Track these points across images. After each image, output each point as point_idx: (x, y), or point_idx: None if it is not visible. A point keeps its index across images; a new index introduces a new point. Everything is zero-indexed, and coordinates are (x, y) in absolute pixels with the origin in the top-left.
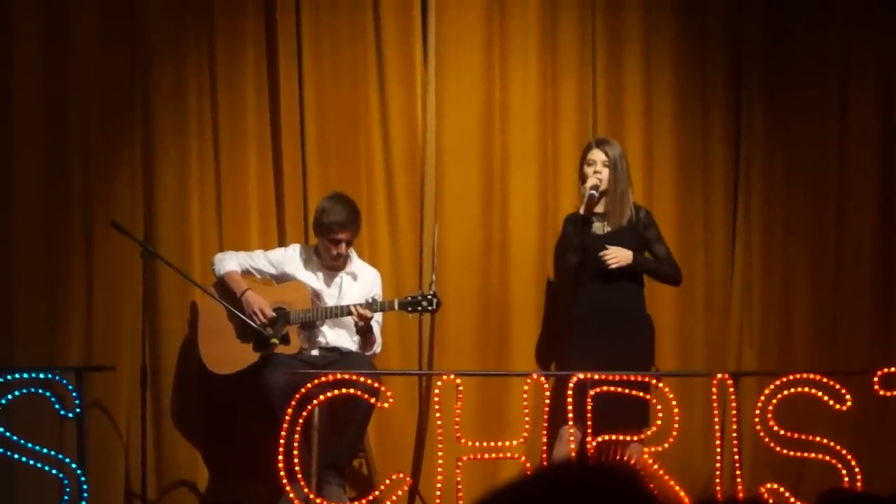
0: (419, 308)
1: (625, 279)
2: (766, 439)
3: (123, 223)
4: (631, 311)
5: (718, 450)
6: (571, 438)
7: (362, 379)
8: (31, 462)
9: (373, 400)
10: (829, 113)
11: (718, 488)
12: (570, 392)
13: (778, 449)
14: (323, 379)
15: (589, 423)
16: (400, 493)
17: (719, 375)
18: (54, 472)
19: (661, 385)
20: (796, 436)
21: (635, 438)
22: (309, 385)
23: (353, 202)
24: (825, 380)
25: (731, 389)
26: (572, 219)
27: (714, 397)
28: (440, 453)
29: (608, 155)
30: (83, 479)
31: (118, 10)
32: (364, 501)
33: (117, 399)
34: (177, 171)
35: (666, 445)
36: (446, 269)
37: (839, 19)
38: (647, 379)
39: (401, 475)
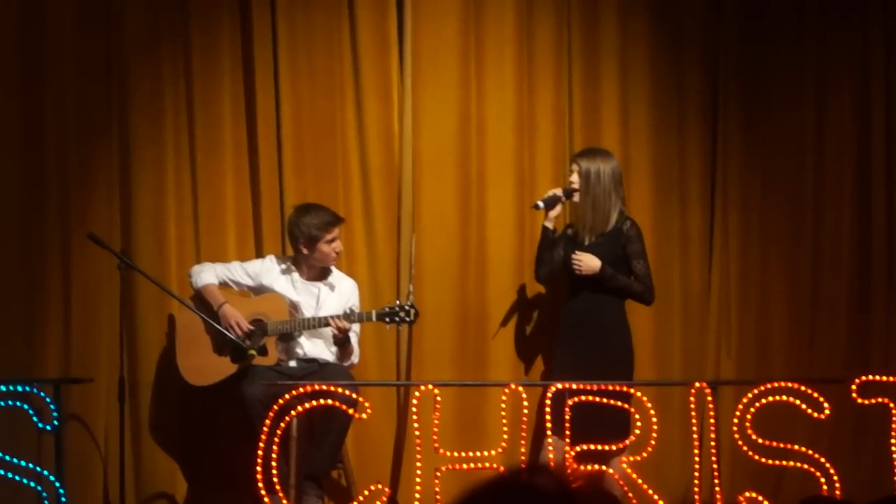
0: (397, 319)
1: (602, 292)
2: (745, 448)
3: (100, 235)
4: (610, 325)
5: (697, 459)
6: (550, 448)
7: (340, 390)
8: (10, 475)
9: (351, 411)
10: (805, 122)
11: (697, 497)
12: (547, 402)
13: (756, 457)
14: (301, 390)
15: (567, 432)
16: (378, 503)
17: (697, 384)
18: (32, 484)
19: (638, 394)
20: (774, 444)
21: (615, 448)
22: (287, 396)
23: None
24: (803, 388)
25: (710, 398)
26: (548, 232)
27: (692, 406)
28: (418, 464)
29: (580, 165)
30: (62, 491)
31: (93, 24)
32: None
33: (95, 411)
34: (154, 183)
35: (644, 455)
36: (424, 279)
37: (814, 29)
38: (625, 389)
39: (379, 486)
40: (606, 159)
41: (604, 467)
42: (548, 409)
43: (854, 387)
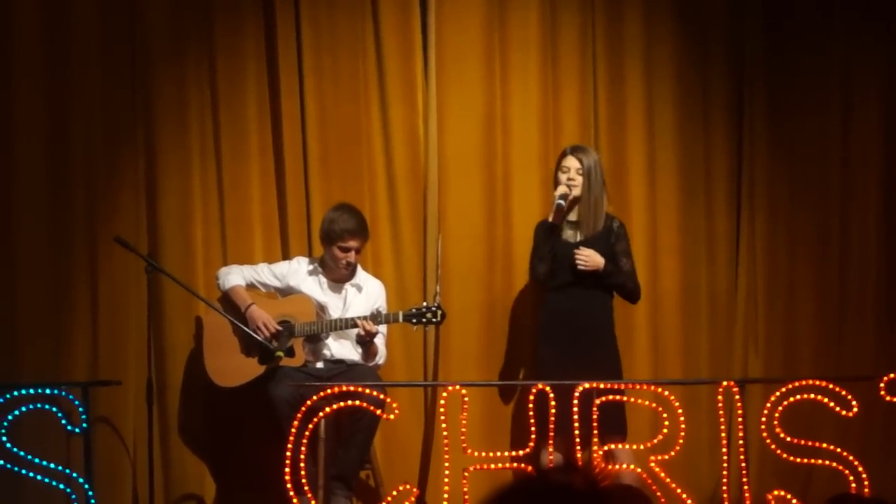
0: (424, 320)
1: (595, 289)
2: (773, 446)
3: (127, 239)
4: (596, 323)
5: (725, 457)
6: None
7: (368, 391)
8: (39, 477)
9: (378, 411)
10: (831, 122)
11: (725, 496)
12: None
13: (784, 456)
14: (329, 391)
15: (595, 432)
16: (407, 503)
17: (725, 383)
18: (62, 487)
19: (666, 393)
20: (803, 442)
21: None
22: (315, 397)
23: (360, 211)
24: (831, 386)
25: (737, 397)
26: (543, 225)
27: (720, 405)
28: (447, 464)
29: (582, 163)
30: (91, 493)
31: (119, 27)
32: None
33: (124, 414)
34: (180, 187)
35: (672, 454)
36: (450, 280)
37: (840, 29)
38: (650, 388)
39: (407, 486)
40: (595, 154)
41: (623, 465)
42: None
43: (882, 384)
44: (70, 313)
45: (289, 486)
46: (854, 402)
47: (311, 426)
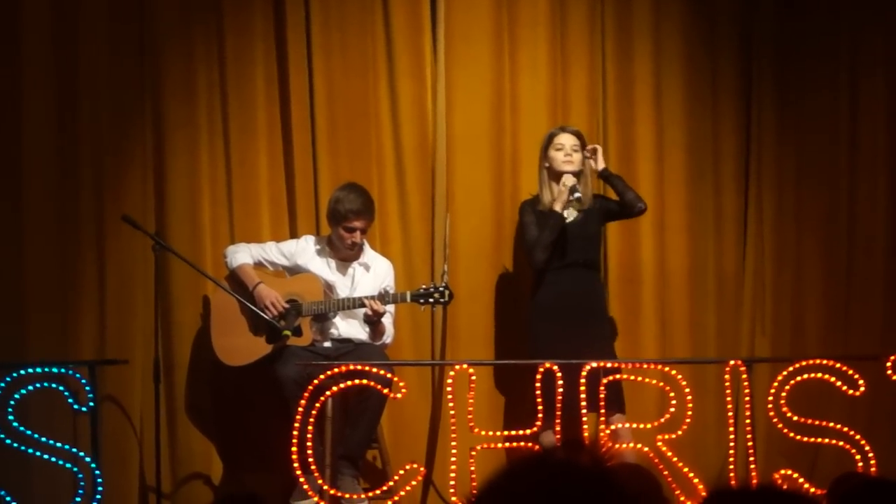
0: (431, 300)
1: (590, 269)
2: (780, 426)
3: (135, 217)
4: (595, 302)
5: (732, 437)
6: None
7: (375, 370)
8: (46, 456)
9: (386, 391)
10: (839, 102)
11: (732, 475)
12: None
13: (791, 435)
14: (336, 370)
15: (602, 410)
16: (414, 483)
17: (732, 362)
18: (69, 466)
19: (673, 372)
20: (810, 422)
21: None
22: (322, 376)
23: (367, 191)
24: (838, 365)
25: (745, 376)
26: (534, 210)
27: (727, 384)
28: (454, 443)
29: (578, 136)
30: (98, 472)
31: (127, 6)
32: (378, 492)
33: (131, 393)
34: (187, 164)
35: (679, 433)
36: (458, 258)
37: (849, 8)
38: (658, 367)
39: (415, 465)
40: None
41: (624, 444)
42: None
43: (889, 364)
44: (77, 292)
45: (296, 465)
46: (861, 382)
47: (318, 405)
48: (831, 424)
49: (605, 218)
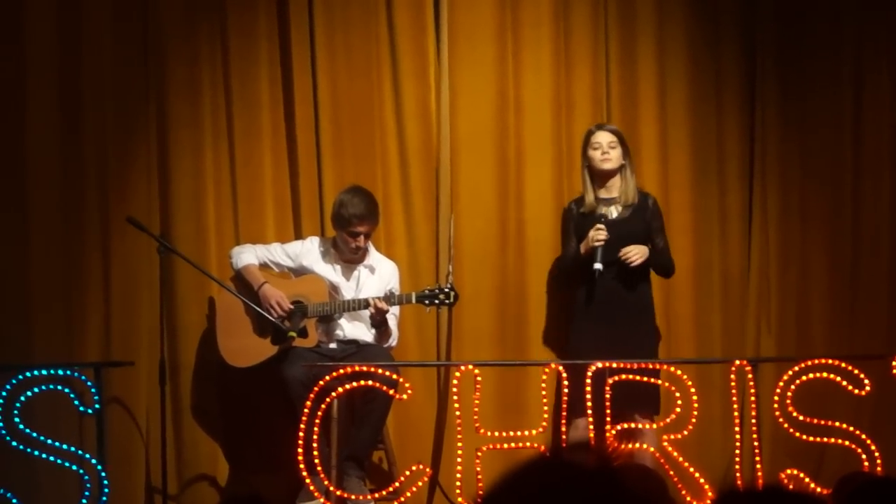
0: (436, 301)
1: (636, 268)
2: (786, 425)
3: (139, 218)
4: (646, 302)
5: (738, 436)
6: (591, 427)
7: (381, 371)
8: (52, 458)
9: (391, 392)
10: (843, 100)
11: (738, 475)
12: (588, 381)
13: (797, 435)
14: (341, 371)
15: (608, 410)
16: (420, 483)
17: (737, 362)
18: (75, 468)
19: (679, 372)
20: (815, 421)
21: (647, 426)
22: (327, 378)
23: (372, 195)
24: (844, 365)
25: (750, 376)
26: (576, 216)
27: (733, 384)
28: (459, 444)
29: (615, 133)
30: (104, 474)
31: (131, 6)
32: (384, 493)
33: (136, 394)
34: (192, 166)
35: (685, 433)
36: (463, 260)
37: (851, 4)
38: (663, 367)
39: (420, 466)
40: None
41: (644, 445)
42: (588, 389)
43: (895, 363)
44: (82, 294)
45: (302, 466)
46: (867, 381)
47: (323, 406)
48: (837, 424)
49: (647, 232)
